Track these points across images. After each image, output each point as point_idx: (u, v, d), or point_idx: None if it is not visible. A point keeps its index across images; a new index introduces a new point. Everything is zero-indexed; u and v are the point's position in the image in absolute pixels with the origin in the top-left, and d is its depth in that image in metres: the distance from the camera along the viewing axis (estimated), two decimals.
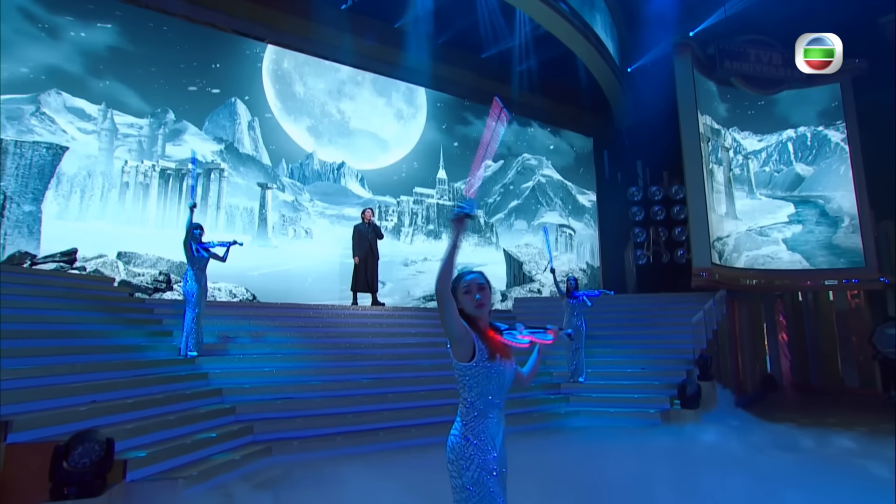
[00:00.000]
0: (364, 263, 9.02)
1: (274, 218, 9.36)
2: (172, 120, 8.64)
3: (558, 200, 13.19)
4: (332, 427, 5.60)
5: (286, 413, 5.64)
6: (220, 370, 6.08)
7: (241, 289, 8.85)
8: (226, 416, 5.28)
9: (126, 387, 4.84)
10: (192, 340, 6.08)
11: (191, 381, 5.63)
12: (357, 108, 10.64)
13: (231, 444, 4.87)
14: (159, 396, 4.84)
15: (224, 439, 4.80)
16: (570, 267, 13.03)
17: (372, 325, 8.34)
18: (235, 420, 5.34)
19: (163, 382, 5.25)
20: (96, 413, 4.26)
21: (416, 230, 11.01)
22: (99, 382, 4.70)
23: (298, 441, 5.19)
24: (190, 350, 6.06)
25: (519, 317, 10.46)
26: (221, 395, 5.65)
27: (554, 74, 12.51)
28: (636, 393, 7.56)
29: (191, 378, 5.66)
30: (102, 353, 5.38)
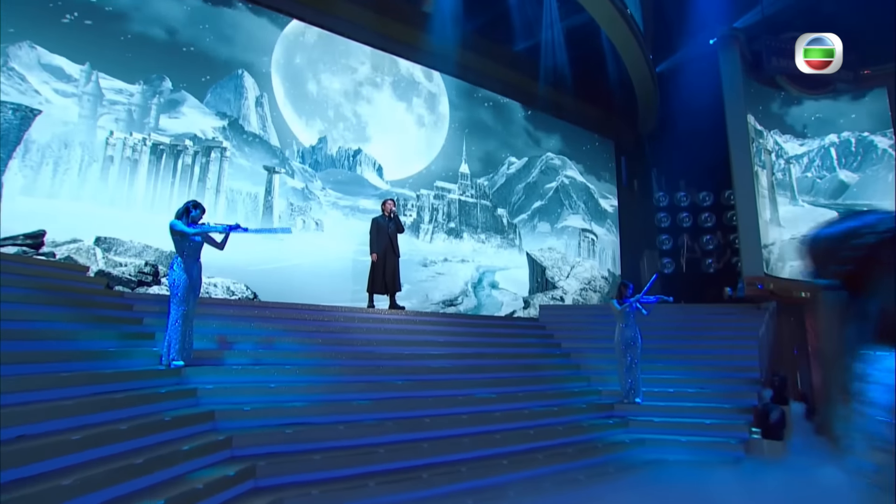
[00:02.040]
0: (383, 261, 7.46)
1: (281, 206, 7.77)
2: (169, 89, 7.05)
3: (581, 203, 11.79)
4: (359, 465, 4.00)
5: (299, 446, 4.03)
6: (213, 385, 4.46)
7: (241, 285, 7.22)
8: (219, 452, 3.66)
9: (78, 411, 3.21)
10: (178, 346, 4.45)
11: (173, 401, 4.00)
12: (374, 111, 9.10)
13: (226, 495, 3.25)
14: (124, 427, 3.22)
15: (215, 489, 3.18)
16: (593, 274, 11.60)
17: (395, 331, 6.76)
18: (231, 456, 3.72)
19: (133, 404, 3.62)
20: (24, 456, 2.64)
21: (436, 228, 9.48)
22: (39, 405, 3.07)
23: (318, 488, 3.58)
24: (174, 358, 4.43)
25: (548, 326, 8.97)
26: (213, 420, 4.02)
27: (580, 72, 11.18)
28: (705, 417, 6.08)
29: (173, 396, 4.04)
30: (56, 362, 3.74)
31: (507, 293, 10.17)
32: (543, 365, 7.33)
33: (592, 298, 11.52)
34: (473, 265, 9.81)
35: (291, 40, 8.24)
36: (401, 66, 9.44)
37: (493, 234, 10.27)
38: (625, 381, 6.54)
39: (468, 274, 9.70)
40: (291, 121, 8.07)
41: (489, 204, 10.36)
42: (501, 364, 6.84)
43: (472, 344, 7.27)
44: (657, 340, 7.99)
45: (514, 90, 10.81)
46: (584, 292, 11.35)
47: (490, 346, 7.44)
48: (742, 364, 7.19)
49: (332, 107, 8.53)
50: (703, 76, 10.45)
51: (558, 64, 10.76)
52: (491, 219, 10.31)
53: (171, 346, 4.44)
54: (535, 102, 11.15)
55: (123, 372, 4.02)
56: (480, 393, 5.87)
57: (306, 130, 8.21)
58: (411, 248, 9.02)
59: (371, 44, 9.00)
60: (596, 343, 8.39)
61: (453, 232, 9.69)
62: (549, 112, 11.49)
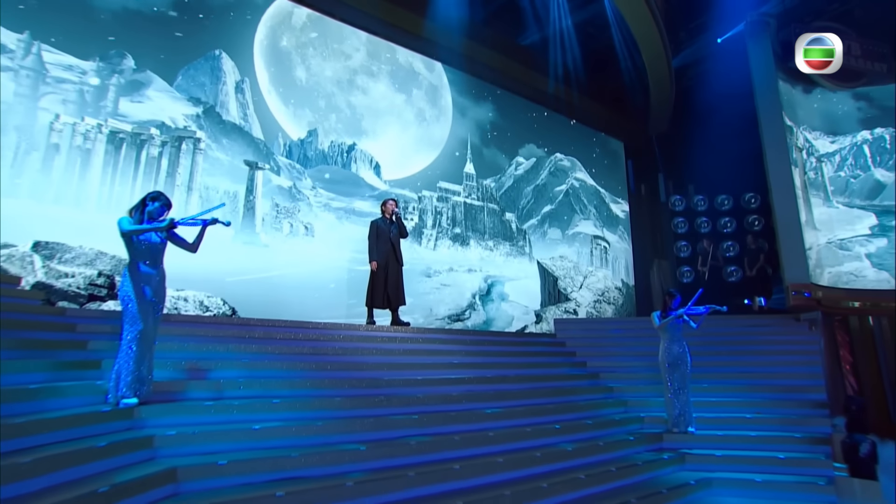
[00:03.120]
0: (384, 270, 6.47)
1: (265, 207, 6.74)
2: (131, 68, 6.02)
3: (592, 208, 10.98)
4: None
5: None
6: (177, 429, 3.38)
7: (216, 299, 6.13)
8: None
9: None
10: (131, 377, 3.38)
11: (119, 456, 2.93)
12: (371, 103, 8.17)
13: None
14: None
15: None
16: (606, 285, 10.75)
17: (402, 352, 5.74)
18: None
19: (59, 465, 2.54)
20: None
21: (440, 233, 8.53)
22: None
23: None
24: (125, 394, 3.36)
25: (568, 343, 8.03)
26: (175, 482, 2.95)
27: (590, 68, 10.49)
28: (775, 449, 5.16)
29: (119, 449, 2.96)
30: None
31: (517, 306, 9.23)
32: (573, 388, 6.37)
33: (607, 311, 10.66)
34: (481, 275, 8.86)
35: (277, 21, 7.30)
36: (399, 54, 8.57)
37: (502, 241, 9.36)
38: (672, 407, 5.62)
39: (475, 285, 8.75)
40: (277, 110, 7.09)
41: (496, 208, 9.47)
42: (528, 389, 5.87)
43: (491, 365, 6.28)
44: (695, 357, 7.13)
45: (521, 85, 10.04)
46: (598, 304, 10.49)
47: (511, 367, 6.46)
48: (800, 384, 6.34)
49: (323, 96, 7.58)
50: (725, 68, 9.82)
51: (567, 59, 10.08)
52: (499, 224, 9.41)
53: (121, 379, 3.36)
54: (542, 99, 10.40)
55: (51, 418, 2.93)
56: (511, 425, 4.89)
57: (294, 121, 7.23)
58: (414, 255, 8.04)
59: (367, 28, 8.12)
60: (624, 361, 7.50)
61: (459, 238, 8.75)
62: (558, 110, 10.75)
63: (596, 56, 10.35)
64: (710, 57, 10.85)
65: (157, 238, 3.74)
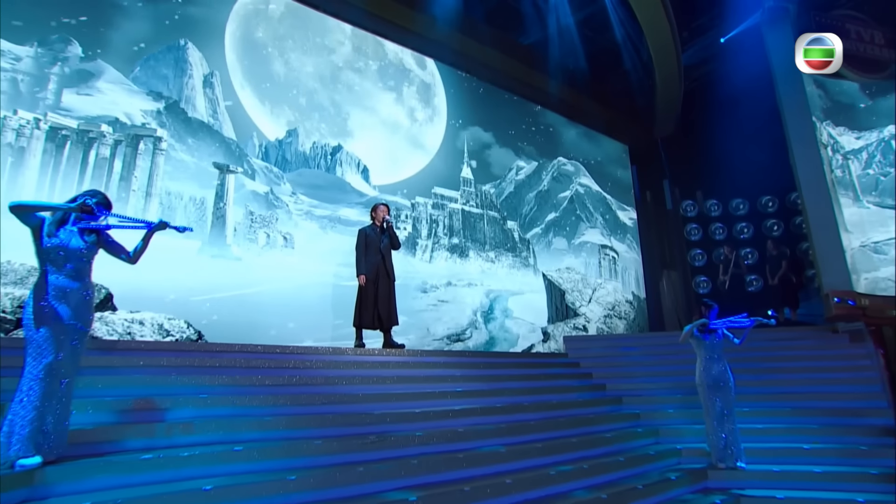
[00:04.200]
0: (373, 286, 5.67)
1: (237, 216, 5.94)
2: (78, 56, 5.27)
3: (599, 216, 10.29)
4: None
5: None
6: (92, 498, 2.52)
7: (179, 322, 5.28)
8: None
9: None
10: (30, 428, 2.53)
11: None
12: (357, 101, 7.46)
13: None
14: None
15: None
16: (616, 298, 9.99)
17: (395, 380, 4.90)
18: None
19: None
20: None
21: (436, 244, 7.75)
22: None
23: None
24: (22, 453, 2.50)
25: (582, 363, 7.23)
26: None
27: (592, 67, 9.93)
28: (849, 489, 4.35)
29: None
30: None
31: (523, 323, 8.42)
32: (595, 417, 5.54)
33: (618, 327, 9.88)
34: (482, 290, 8.07)
35: (252, 10, 6.62)
36: (388, 49, 7.91)
37: (504, 252, 8.60)
38: (716, 438, 4.80)
39: (476, 300, 7.95)
40: (252, 107, 6.36)
41: (497, 215, 8.74)
42: (545, 419, 5.04)
43: (499, 392, 5.45)
44: None
45: (521, 85, 9.42)
46: (608, 320, 9.71)
47: (522, 392, 5.64)
48: (857, 406, 5.56)
49: (304, 93, 6.87)
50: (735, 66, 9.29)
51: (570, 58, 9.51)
52: (500, 233, 8.67)
53: (15, 433, 2.51)
54: (544, 100, 9.78)
55: None
56: (531, 465, 4.07)
57: (271, 120, 6.50)
58: (408, 269, 7.25)
59: (352, 21, 7.46)
60: (647, 382, 6.70)
61: (457, 249, 7.98)
62: (560, 111, 10.13)
63: (599, 55, 9.82)
64: (717, 56, 10.36)
65: (80, 242, 2.93)
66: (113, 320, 4.98)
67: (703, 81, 10.62)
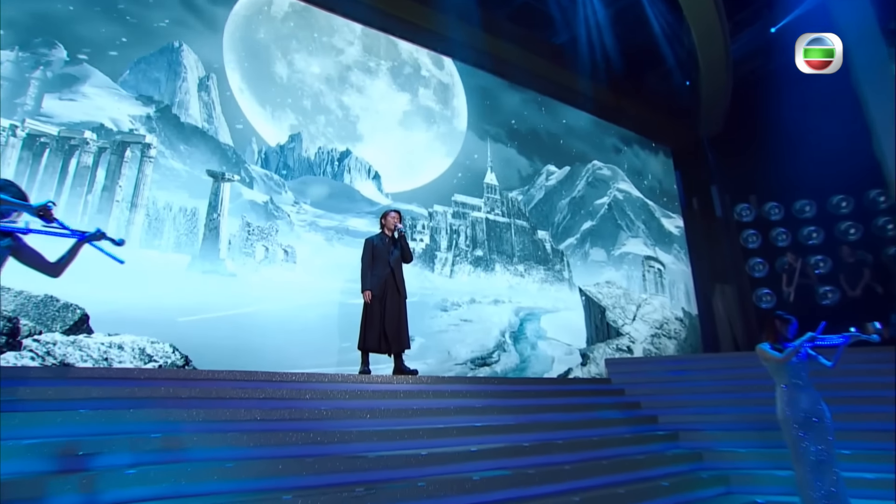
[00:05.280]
0: (381, 303, 4.97)
1: (232, 228, 5.41)
2: (62, 59, 4.92)
3: (641, 224, 9.32)
4: None
5: None
6: None
7: (163, 346, 4.71)
8: None
9: None
10: None
11: None
12: (368, 103, 6.92)
13: None
14: None
15: None
16: (664, 315, 8.92)
17: (405, 413, 4.14)
18: None
19: None
20: None
21: (458, 256, 7.01)
22: None
23: None
24: None
25: (628, 390, 6.26)
26: None
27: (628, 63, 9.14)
28: None
29: None
30: None
31: (557, 345, 7.51)
32: (646, 458, 4.58)
33: (668, 347, 8.78)
34: (511, 307, 7.24)
35: (253, 10, 6.22)
36: (402, 48, 7.38)
37: (535, 265, 7.76)
38: (811, 489, 3.74)
39: (504, 319, 7.12)
40: (251, 111, 5.89)
41: (526, 225, 7.93)
42: (587, 461, 4.14)
43: (527, 427, 4.58)
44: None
45: (550, 84, 8.71)
46: (656, 339, 8.65)
47: (556, 427, 4.75)
48: None
49: (309, 95, 6.37)
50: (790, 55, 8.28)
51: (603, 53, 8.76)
52: (530, 244, 7.85)
53: None
54: (575, 99, 9.02)
55: None
56: None
57: (272, 125, 6.01)
58: (425, 285, 6.54)
59: (361, 19, 6.98)
60: (706, 414, 5.68)
61: (481, 262, 7.21)
62: (594, 111, 9.33)
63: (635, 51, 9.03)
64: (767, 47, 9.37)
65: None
66: (88, 344, 4.45)
67: (752, 75, 9.62)
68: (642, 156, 10.09)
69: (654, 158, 10.34)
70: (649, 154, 10.26)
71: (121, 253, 2.75)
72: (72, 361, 4.39)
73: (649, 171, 10.07)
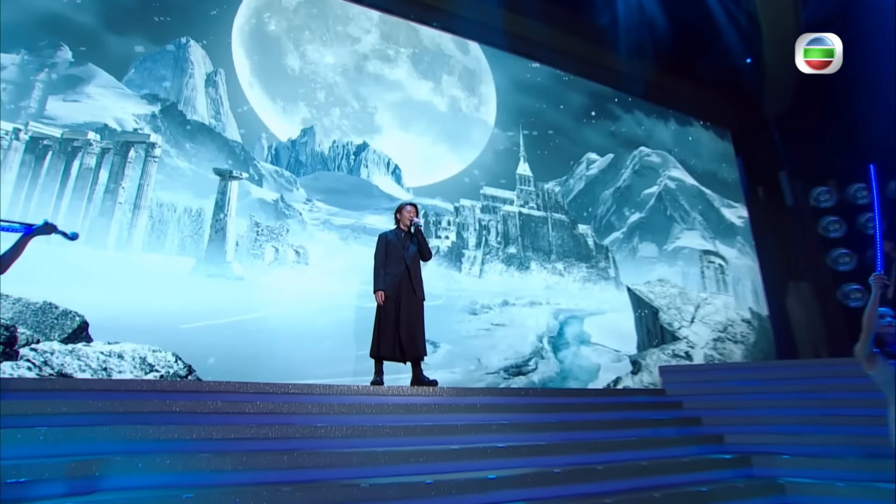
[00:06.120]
0: (394, 304, 4.47)
1: (240, 228, 5.10)
2: (67, 61, 4.79)
3: (697, 215, 8.35)
4: None
5: None
6: None
7: (165, 355, 4.44)
8: None
9: None
10: None
11: None
12: (387, 93, 6.50)
13: None
14: None
15: None
16: (728, 316, 7.91)
17: (421, 431, 3.60)
18: None
19: None
20: None
21: (488, 255, 6.43)
22: None
23: None
24: None
25: (686, 403, 5.42)
26: None
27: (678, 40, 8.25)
28: None
29: None
30: None
31: (603, 351, 6.75)
32: (714, 491, 3.78)
33: (734, 353, 7.76)
34: (549, 309, 6.56)
35: (264, 2, 5.96)
36: (423, 34, 6.92)
37: (575, 262, 7.03)
38: None
39: (542, 323, 6.45)
40: (261, 106, 5.61)
41: (565, 218, 7.23)
42: (635, 493, 3.42)
43: (565, 448, 3.90)
44: None
45: (587, 65, 7.99)
46: (719, 344, 7.67)
47: (597, 448, 4.04)
48: None
49: (323, 87, 6.03)
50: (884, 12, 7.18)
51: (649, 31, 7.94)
52: (570, 239, 7.14)
53: None
54: (616, 81, 8.23)
55: None
56: None
57: (283, 119, 5.70)
58: (452, 286, 6.00)
59: (379, 6, 6.59)
60: (789, 435, 4.75)
61: (514, 260, 6.58)
62: (640, 94, 8.49)
63: (687, 26, 8.14)
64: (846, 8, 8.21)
65: None
66: (87, 353, 4.24)
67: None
68: (697, 140, 9.10)
69: (711, 143, 9.31)
70: (705, 138, 9.25)
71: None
72: (70, 371, 4.19)
73: (706, 156, 9.06)
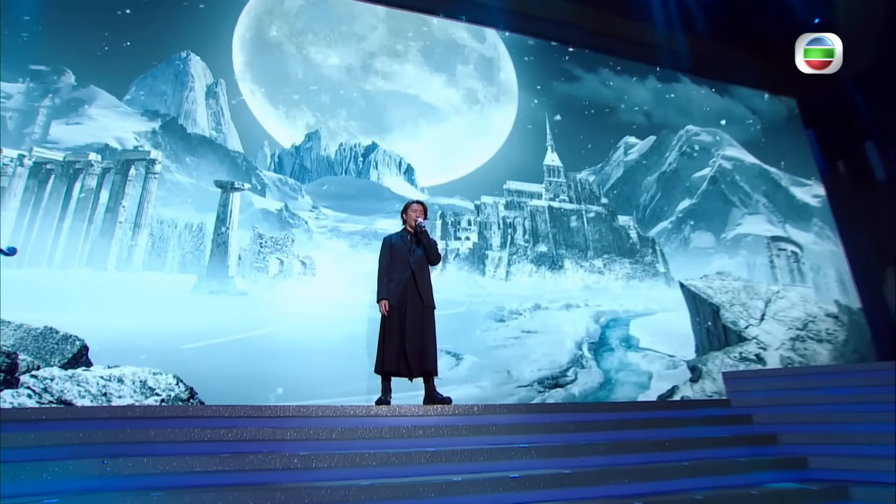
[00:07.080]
0: (398, 314, 4.03)
1: (242, 241, 4.89)
2: (71, 84, 4.81)
3: (761, 197, 7.35)
4: None
5: None
6: None
7: (167, 378, 4.25)
8: None
9: None
10: None
11: None
12: (396, 89, 6.16)
13: None
14: None
15: None
16: (808, 311, 6.84)
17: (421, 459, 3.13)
18: None
19: None
20: None
21: (515, 255, 5.88)
22: None
23: None
24: None
25: (756, 417, 4.57)
26: None
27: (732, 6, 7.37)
28: None
29: None
30: None
31: (655, 357, 5.96)
32: None
33: (817, 354, 6.67)
34: (588, 312, 5.89)
35: (264, 8, 5.81)
36: (434, 26, 6.54)
37: (616, 258, 6.31)
38: None
39: (580, 328, 5.79)
40: (263, 114, 5.42)
41: (602, 210, 6.54)
42: None
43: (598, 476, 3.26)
44: None
45: (618, 41, 7.28)
46: (798, 344, 6.63)
47: (645, 476, 3.35)
48: None
49: (327, 89, 5.78)
50: None
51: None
52: (608, 233, 6.43)
53: None
54: (653, 56, 7.45)
55: None
56: None
57: (286, 125, 5.49)
58: (475, 291, 5.50)
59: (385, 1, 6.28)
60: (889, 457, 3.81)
61: (545, 259, 5.97)
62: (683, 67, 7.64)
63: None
64: None
65: None
66: (86, 378, 4.12)
67: None
68: (756, 113, 8.07)
69: (774, 115, 8.23)
70: (766, 111, 8.19)
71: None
72: (70, 398, 4.09)
73: (767, 130, 8.01)
